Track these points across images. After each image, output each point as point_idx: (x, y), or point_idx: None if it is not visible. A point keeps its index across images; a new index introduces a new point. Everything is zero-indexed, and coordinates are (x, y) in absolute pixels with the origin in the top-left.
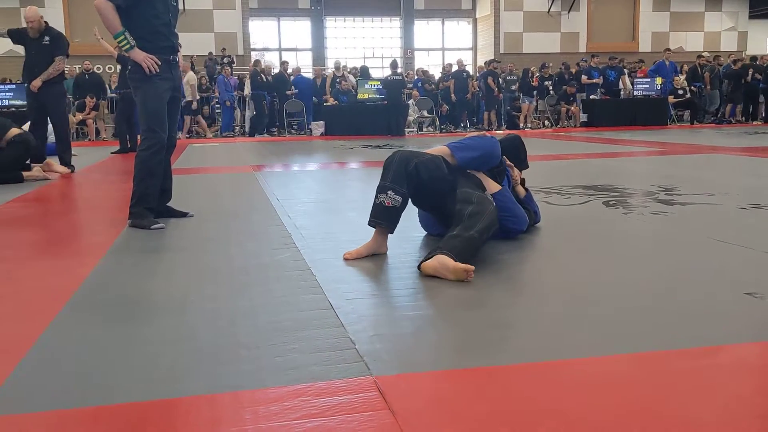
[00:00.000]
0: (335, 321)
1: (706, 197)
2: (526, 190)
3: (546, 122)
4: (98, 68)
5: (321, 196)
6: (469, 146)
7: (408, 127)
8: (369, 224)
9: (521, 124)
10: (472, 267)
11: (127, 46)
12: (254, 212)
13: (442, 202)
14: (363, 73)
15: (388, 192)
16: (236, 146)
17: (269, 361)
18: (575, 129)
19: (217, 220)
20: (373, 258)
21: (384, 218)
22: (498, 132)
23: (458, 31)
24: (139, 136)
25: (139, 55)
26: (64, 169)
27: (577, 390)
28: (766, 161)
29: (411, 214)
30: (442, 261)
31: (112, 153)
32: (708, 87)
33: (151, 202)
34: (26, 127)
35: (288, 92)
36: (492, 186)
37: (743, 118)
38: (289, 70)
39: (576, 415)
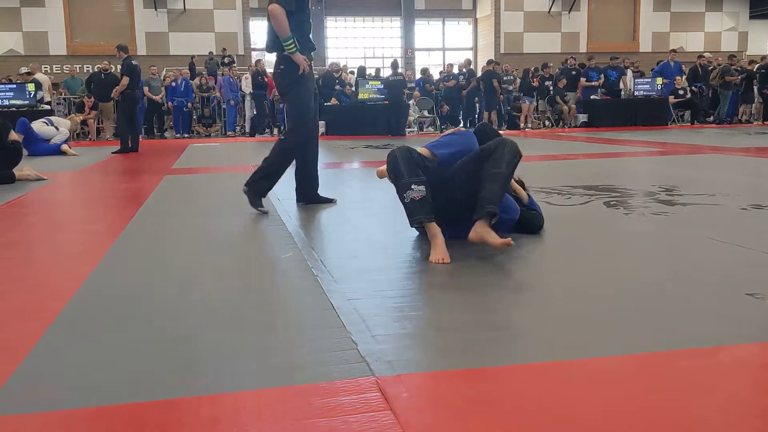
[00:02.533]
0: (337, 321)
1: (706, 197)
2: (526, 190)
3: (546, 122)
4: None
5: None
6: (446, 143)
7: (408, 127)
8: (412, 225)
9: (521, 124)
10: (511, 242)
11: (294, 48)
12: (255, 212)
13: (440, 194)
14: (360, 73)
15: (412, 186)
16: (237, 146)
17: (271, 361)
18: (575, 129)
19: (219, 219)
20: (375, 258)
21: (423, 212)
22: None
23: (459, 31)
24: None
25: (299, 57)
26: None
27: (577, 390)
28: (766, 161)
29: None
30: (485, 231)
31: (113, 153)
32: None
33: (269, 186)
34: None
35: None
36: None
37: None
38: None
39: (577, 416)
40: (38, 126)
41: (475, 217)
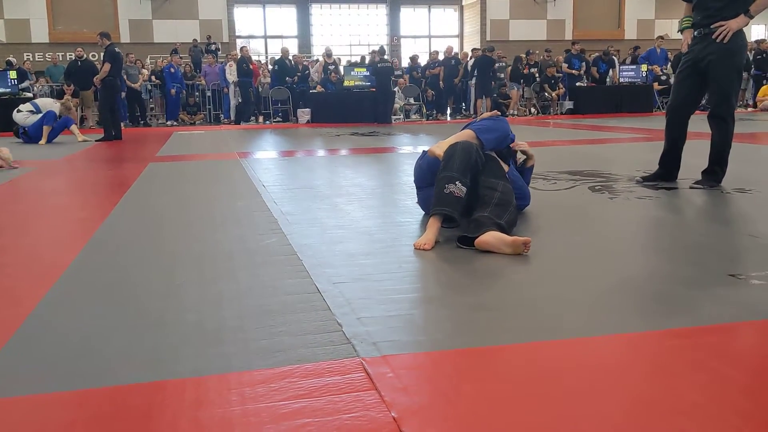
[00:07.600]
0: (322, 304)
1: (689, 182)
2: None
3: (532, 109)
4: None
5: (307, 183)
6: (490, 128)
7: (394, 115)
8: (436, 213)
9: (509, 111)
10: (529, 239)
11: (680, 26)
12: (240, 198)
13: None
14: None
15: (456, 182)
16: (222, 134)
17: (256, 343)
18: (561, 116)
19: (203, 206)
20: (360, 243)
21: (453, 207)
22: None
23: (445, 19)
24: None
25: (684, 34)
26: None
27: (565, 370)
28: (749, 146)
29: (394, 198)
30: (498, 236)
31: (96, 141)
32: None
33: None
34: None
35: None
36: (503, 166)
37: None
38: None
39: (564, 395)
40: (23, 117)
41: (484, 230)
